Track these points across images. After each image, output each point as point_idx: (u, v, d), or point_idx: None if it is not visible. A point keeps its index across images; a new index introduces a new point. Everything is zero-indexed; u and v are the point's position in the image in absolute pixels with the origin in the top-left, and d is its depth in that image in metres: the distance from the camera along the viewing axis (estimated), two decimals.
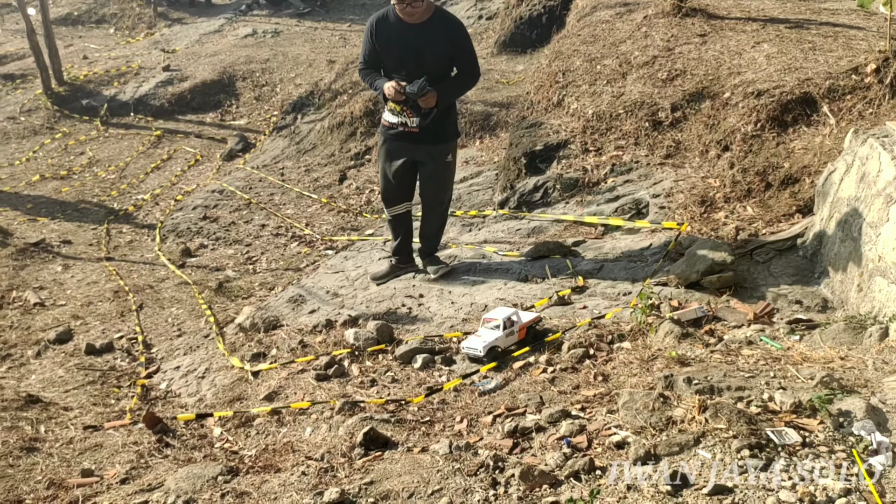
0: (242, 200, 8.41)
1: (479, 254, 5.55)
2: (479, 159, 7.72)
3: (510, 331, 4.14)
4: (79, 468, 3.60)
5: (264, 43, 13.90)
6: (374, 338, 4.58)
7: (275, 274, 6.70)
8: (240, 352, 4.98)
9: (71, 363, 5.30)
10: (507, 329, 4.13)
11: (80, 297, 6.67)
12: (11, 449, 3.76)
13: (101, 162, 10.66)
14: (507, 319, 4.15)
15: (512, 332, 4.15)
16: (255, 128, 11.16)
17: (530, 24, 10.51)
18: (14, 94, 13.55)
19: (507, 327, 4.13)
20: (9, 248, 7.76)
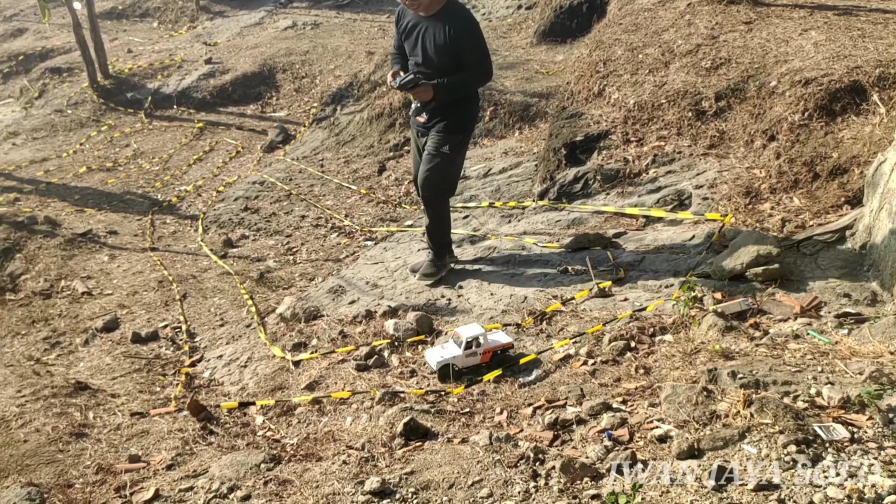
0: (283, 191, 8.49)
1: (519, 245, 5.52)
2: (518, 150, 7.69)
3: (472, 351, 3.99)
4: (126, 454, 3.68)
5: (304, 35, 13.99)
6: (414, 329, 4.60)
7: (315, 264, 6.75)
8: (281, 341, 5.04)
9: (117, 351, 5.42)
10: (469, 350, 3.99)
11: (126, 286, 6.81)
12: (61, 434, 3.86)
13: (146, 154, 10.84)
14: (473, 339, 4.00)
15: (474, 354, 4.00)
16: (295, 119, 11.24)
17: (570, 13, 10.40)
18: (61, 87, 13.84)
19: (468, 347, 3.99)
20: (57, 238, 7.94)
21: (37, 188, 9.64)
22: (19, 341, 5.87)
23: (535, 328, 4.38)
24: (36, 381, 4.58)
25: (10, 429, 3.94)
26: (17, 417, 4.05)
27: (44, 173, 10.23)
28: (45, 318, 6.26)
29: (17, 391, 4.41)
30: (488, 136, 8.36)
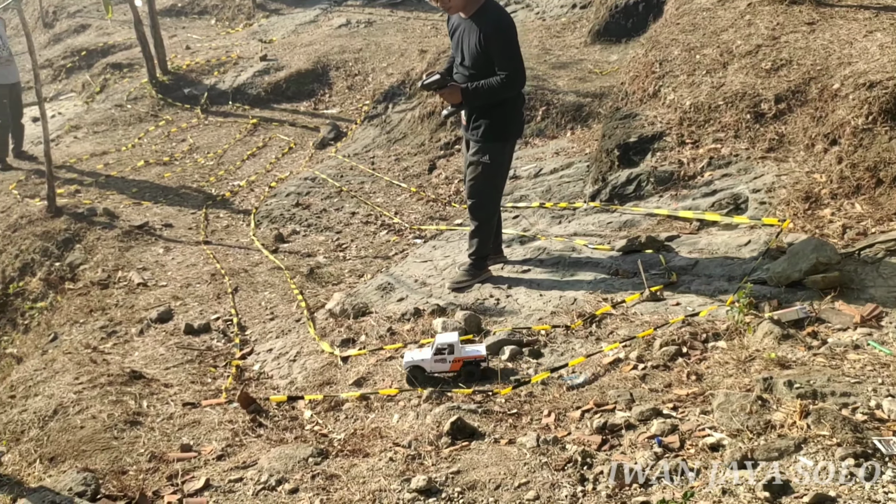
0: (334, 188, 8.57)
1: (569, 246, 5.48)
2: (570, 150, 7.63)
3: (442, 358, 4.05)
4: (178, 443, 3.76)
5: (357, 33, 14.11)
6: (462, 328, 4.60)
7: (364, 261, 6.81)
8: (330, 337, 5.09)
9: (171, 342, 5.54)
10: (439, 356, 4.05)
11: (180, 278, 6.95)
12: (116, 422, 3.96)
13: (201, 149, 11.06)
14: (445, 346, 4.04)
15: (443, 360, 4.05)
16: (347, 117, 11.34)
17: (626, 12, 10.29)
18: (121, 82, 14.20)
19: (439, 353, 4.05)
20: (115, 229, 8.16)
21: (96, 181, 9.91)
22: (77, 329, 6.05)
23: (585, 330, 4.34)
24: (93, 369, 4.71)
25: (68, 415, 4.06)
26: (74, 404, 4.17)
27: (103, 166, 10.51)
28: (103, 307, 6.43)
29: (75, 378, 4.54)
30: (540, 136, 8.32)
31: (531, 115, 8.51)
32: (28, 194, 9.55)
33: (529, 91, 8.70)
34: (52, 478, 3.39)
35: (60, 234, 8.24)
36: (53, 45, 17.41)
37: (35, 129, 11.88)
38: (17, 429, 4.03)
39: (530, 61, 9.74)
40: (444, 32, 13.54)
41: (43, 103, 8.75)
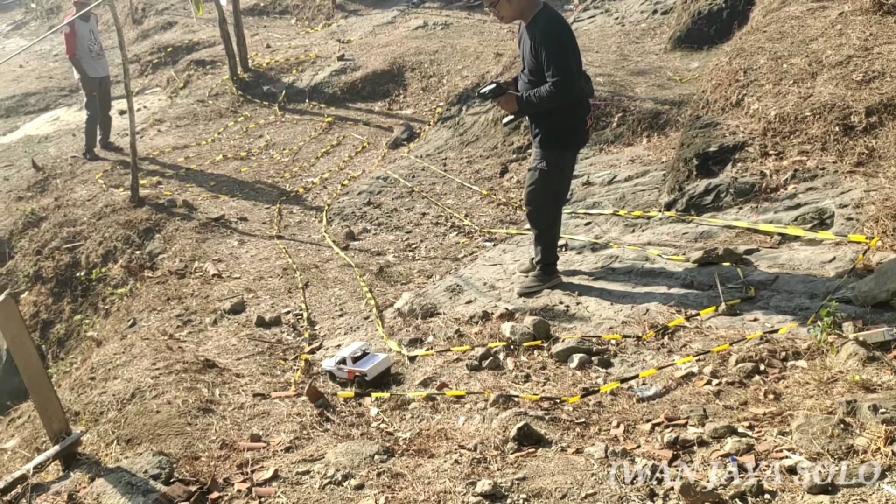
0: (405, 188, 8.64)
1: (642, 256, 5.39)
2: (646, 158, 7.50)
3: (341, 367, 4.60)
4: (248, 432, 3.84)
5: (434, 35, 14.19)
6: (531, 333, 4.57)
7: (433, 262, 6.83)
8: (397, 336, 5.13)
9: (243, 333, 5.67)
10: (339, 365, 4.61)
11: (253, 271, 7.11)
12: (190, 408, 4.07)
13: (277, 145, 11.30)
14: (341, 359, 4.61)
15: (342, 370, 4.59)
16: (421, 118, 11.42)
17: (709, 19, 10.06)
18: (204, 78, 14.63)
19: (339, 363, 4.61)
20: (193, 221, 8.40)
21: (177, 173, 10.23)
22: (155, 316, 6.25)
23: (656, 342, 4.26)
24: (169, 356, 4.86)
25: (145, 399, 4.19)
26: (151, 388, 4.30)
27: (184, 159, 10.84)
28: (179, 296, 6.63)
29: (152, 364, 4.69)
30: (615, 143, 8.21)
31: (607, 122, 8.41)
32: (113, 184, 9.92)
33: (606, 97, 8.61)
34: (128, 459, 3.50)
35: (142, 224, 8.53)
36: (141, 41, 18.05)
37: (122, 122, 12.34)
38: (97, 410, 4.18)
39: (608, 67, 9.64)
40: None
41: (131, 97, 9.07)
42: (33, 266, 8.86)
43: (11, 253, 9.31)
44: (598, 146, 8.20)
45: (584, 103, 4.89)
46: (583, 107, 4.89)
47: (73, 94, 15.76)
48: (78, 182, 10.33)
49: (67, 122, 14.27)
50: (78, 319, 7.97)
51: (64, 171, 10.92)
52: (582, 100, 4.84)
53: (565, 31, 4.66)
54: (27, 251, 9.08)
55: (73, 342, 7.96)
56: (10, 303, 3.18)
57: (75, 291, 8.34)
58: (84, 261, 8.49)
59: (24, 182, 10.93)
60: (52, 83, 16.89)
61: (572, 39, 4.68)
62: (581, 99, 4.82)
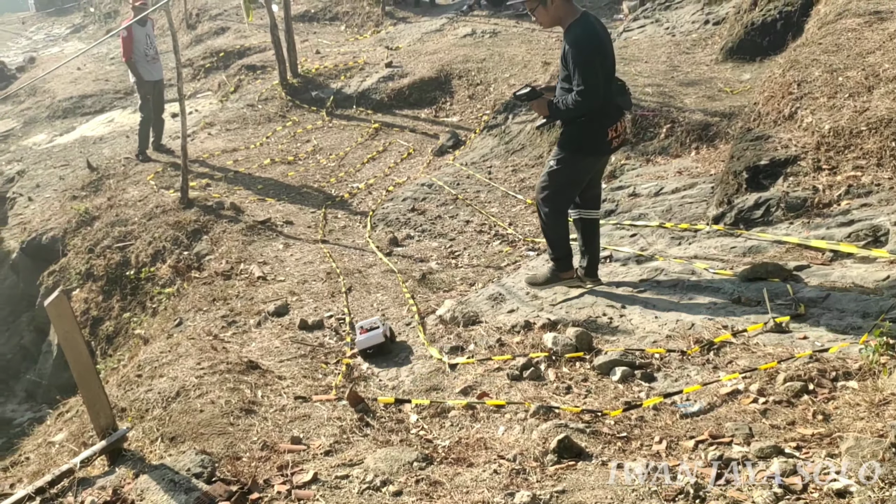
0: (449, 196, 8.65)
1: (688, 269, 5.31)
2: (694, 170, 7.40)
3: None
4: (289, 435, 3.87)
5: (482, 43, 14.22)
6: (573, 344, 4.53)
7: (476, 270, 6.83)
8: (439, 343, 5.13)
9: (286, 336, 5.73)
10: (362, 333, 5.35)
11: (297, 274, 7.19)
12: (233, 409, 4.12)
13: (324, 150, 11.43)
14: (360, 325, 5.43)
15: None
16: (467, 125, 11.44)
17: (762, 30, 9.90)
18: (254, 83, 14.87)
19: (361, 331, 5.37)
20: (240, 223, 8.53)
21: (226, 176, 10.40)
22: (201, 316, 6.35)
23: (702, 357, 4.19)
24: (213, 356, 4.93)
25: (189, 398, 4.26)
26: (195, 387, 4.37)
27: (233, 162, 11.02)
28: (224, 297, 6.73)
29: (197, 363, 4.76)
30: (662, 154, 8.11)
31: (655, 133, 8.32)
32: (164, 185, 10.13)
33: (654, 108, 8.52)
34: (171, 457, 3.56)
35: (190, 225, 8.69)
36: (195, 46, 18.43)
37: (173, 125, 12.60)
38: (143, 407, 4.26)
39: (657, 77, 9.55)
40: None
41: (183, 100, 9.27)
42: (85, 264, 9.08)
43: (65, 250, 9.57)
44: (644, 157, 8.12)
45: (610, 113, 4.92)
46: (606, 116, 4.90)
47: (128, 96, 16.17)
48: (130, 183, 10.58)
49: (122, 123, 14.64)
50: (126, 317, 8.15)
51: (117, 171, 11.19)
52: (607, 110, 4.88)
53: (594, 42, 4.72)
54: (80, 249, 9.32)
55: (121, 339, 8.14)
56: (62, 299, 3.26)
57: (125, 290, 8.53)
58: (134, 260, 8.68)
59: (79, 182, 11.23)
60: (108, 86, 17.34)
61: (601, 51, 4.73)
62: (606, 109, 4.87)
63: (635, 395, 3.96)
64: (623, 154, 8.24)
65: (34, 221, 10.63)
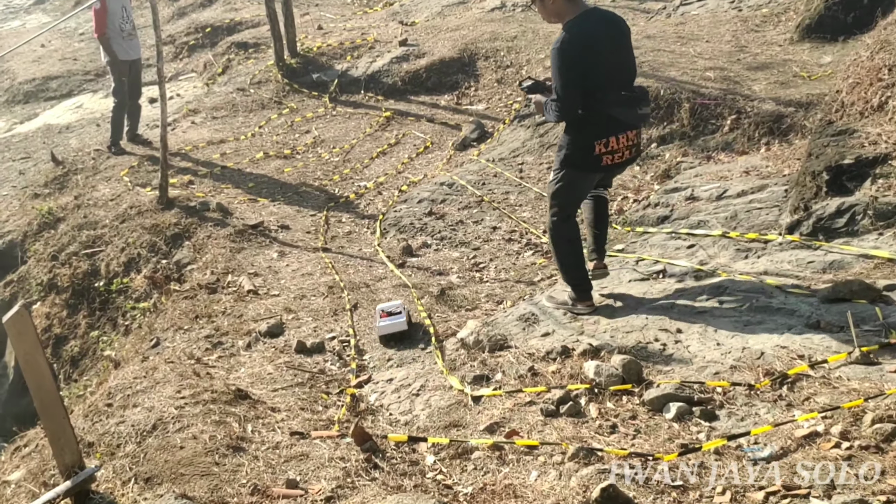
0: (473, 197, 8.67)
1: (757, 287, 5.29)
2: (764, 170, 7.37)
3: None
4: (283, 477, 3.89)
5: (513, 17, 14.26)
6: (619, 375, 4.52)
7: (504, 285, 6.83)
8: (460, 371, 5.13)
9: (280, 360, 5.75)
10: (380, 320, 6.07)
11: (294, 288, 7.23)
12: (218, 445, 4.14)
13: (326, 142, 11.50)
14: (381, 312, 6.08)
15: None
16: (494, 115, 11.47)
17: (846, 4, 9.85)
18: (245, 63, 15.01)
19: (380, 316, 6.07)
20: (227, 228, 8.60)
21: (211, 172, 10.50)
22: (181, 336, 6.40)
23: (773, 393, 4.16)
24: (196, 383, 4.97)
25: (168, 432, 4.29)
26: (174, 420, 4.40)
27: (220, 156, 11.12)
28: (209, 314, 6.78)
29: (177, 391, 4.80)
30: (726, 151, 8.09)
31: (717, 125, 8.30)
32: (139, 182, 10.25)
33: (717, 95, 8.50)
34: (147, 501, 3.58)
35: (170, 229, 8.77)
36: (177, 20, 18.68)
37: (152, 112, 12.74)
38: (114, 442, 4.29)
39: (720, 59, 9.54)
40: None
41: (163, 83, 9.37)
42: (48, 273, 9.19)
43: (24, 257, 9.68)
44: (704, 154, 8.10)
45: (602, 126, 5.06)
46: (597, 128, 5.06)
47: (100, 78, 16.38)
48: (101, 179, 10.70)
49: (92, 110, 14.83)
50: (94, 336, 8.23)
51: (86, 165, 11.33)
52: (597, 121, 5.06)
53: (575, 52, 4.89)
54: (42, 256, 9.43)
55: (87, 362, 8.22)
56: (24, 315, 3.30)
57: (93, 304, 8.61)
58: (104, 269, 8.76)
59: (42, 177, 11.38)
60: (77, 66, 17.58)
61: (584, 60, 4.90)
62: (595, 120, 5.05)
63: (693, 437, 3.94)
64: (679, 150, 8.23)
65: None
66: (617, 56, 5.05)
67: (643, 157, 8.34)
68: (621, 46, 5.10)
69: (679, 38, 10.32)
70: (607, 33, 5.03)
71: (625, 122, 5.09)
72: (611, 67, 5.00)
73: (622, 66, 5.11)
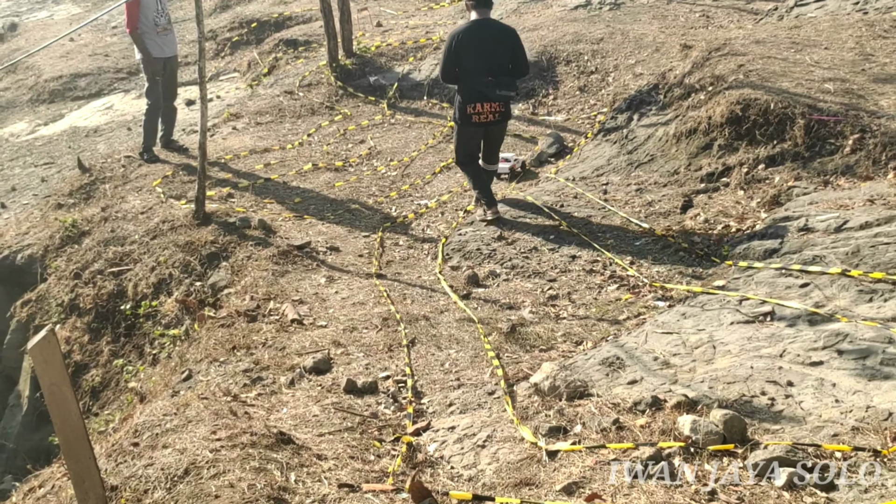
0: (550, 220, 8.65)
1: (884, 336, 5.18)
2: (892, 199, 7.22)
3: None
4: None
5: (599, 17, 14.28)
6: (719, 432, 4.45)
7: (584, 323, 6.79)
8: (533, 421, 5.10)
9: (327, 400, 5.79)
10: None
11: (344, 319, 7.28)
12: (258, 496, 4.17)
13: (383, 154, 11.61)
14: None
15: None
16: (575, 127, 11.47)
17: None
18: (294, 63, 15.27)
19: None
20: (271, 248, 8.71)
21: (253, 184, 10.67)
22: (216, 370, 6.48)
23: None
24: (233, 423, 5.02)
25: (202, 477, 4.34)
26: (209, 465, 4.45)
27: (263, 167, 11.30)
28: (248, 345, 6.86)
29: (212, 432, 4.85)
30: (847, 175, 7.95)
31: (836, 145, 8.17)
32: (173, 194, 10.45)
33: (837, 111, 8.38)
34: None
35: (206, 248, 8.92)
36: (219, 14, 19.08)
37: (189, 115, 13.04)
38: (141, 486, 4.35)
39: (841, 69, 9.41)
40: (717, 23, 13.43)
41: (204, 84, 9.55)
42: (69, 293, 9.41)
43: (45, 274, 9.93)
44: (821, 178, 7.97)
45: (471, 95, 8.76)
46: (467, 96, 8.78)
47: (133, 77, 16.82)
48: (131, 189, 10.94)
49: (123, 112, 15.22)
50: (118, 365, 8.38)
51: (115, 173, 11.60)
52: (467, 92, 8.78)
53: (452, 44, 8.68)
54: (63, 273, 9.66)
55: (110, 393, 8.38)
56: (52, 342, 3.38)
57: (118, 329, 8.79)
58: (131, 290, 8.94)
59: (66, 186, 11.69)
60: (108, 62, 18.07)
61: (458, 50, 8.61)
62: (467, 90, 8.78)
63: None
64: (791, 172, 8.12)
65: (7, 235, 11.08)
66: (485, 52, 8.55)
67: (748, 179, 8.27)
68: (493, 47, 8.58)
69: (793, 44, 10.21)
70: (481, 37, 8.58)
71: (488, 95, 8.65)
72: (480, 58, 8.55)
73: (490, 59, 8.56)
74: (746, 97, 8.78)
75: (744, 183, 8.33)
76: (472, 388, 5.88)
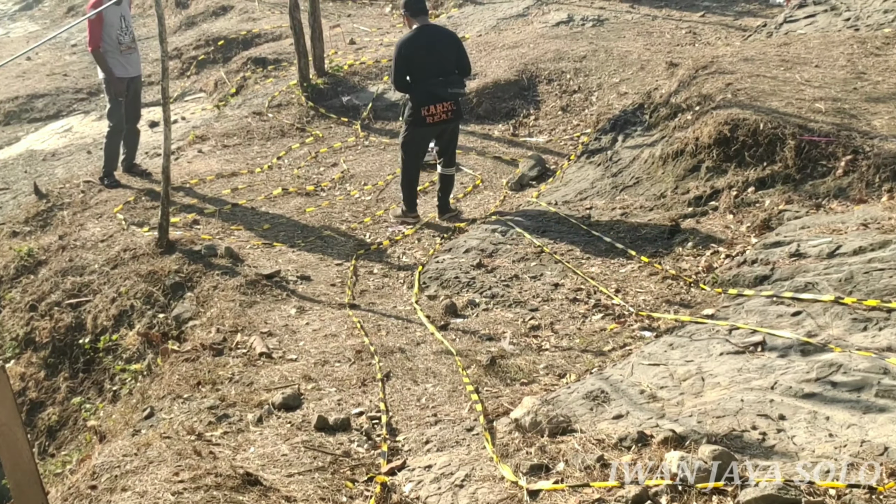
0: (531, 247, 8.68)
1: (879, 366, 5.21)
2: (887, 223, 7.29)
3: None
4: None
5: (582, 34, 14.40)
6: (709, 469, 4.46)
7: (567, 355, 6.81)
8: (514, 459, 5.10)
9: (297, 438, 5.77)
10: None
11: (315, 352, 7.26)
12: None
13: (356, 178, 11.63)
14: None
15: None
16: (557, 149, 11.54)
17: None
18: (264, 83, 15.29)
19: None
20: (238, 277, 8.69)
21: (220, 210, 10.66)
22: (180, 407, 6.45)
23: None
24: (196, 464, 4.99)
25: None
26: None
27: (230, 192, 11.29)
28: (214, 380, 6.83)
29: (174, 473, 4.83)
30: (839, 198, 8.02)
31: (828, 167, 8.24)
32: (135, 221, 10.43)
33: (828, 131, 8.46)
34: None
35: (169, 277, 8.89)
36: (184, 31, 19.12)
37: (152, 138, 13.03)
38: None
39: (832, 88, 9.52)
40: (704, 40, 13.57)
41: (168, 105, 9.55)
42: (24, 326, 9.34)
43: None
44: (813, 201, 8.04)
45: (425, 98, 9.50)
46: (422, 99, 9.52)
47: (93, 97, 16.79)
48: (90, 216, 10.90)
49: (82, 134, 15.17)
50: (77, 402, 8.32)
51: (74, 199, 11.55)
52: (421, 96, 9.53)
53: (401, 52, 9.55)
54: (18, 305, 9.60)
55: (67, 433, 8.30)
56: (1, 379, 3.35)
57: (76, 364, 8.73)
58: (90, 323, 8.89)
59: (22, 213, 11.63)
60: (67, 82, 18.03)
61: (407, 57, 9.49)
62: (420, 95, 9.54)
63: None
64: (781, 195, 8.18)
65: None
66: (433, 55, 9.39)
67: (737, 203, 8.33)
68: (439, 50, 9.44)
69: (782, 62, 10.32)
70: (428, 42, 9.44)
71: (440, 95, 9.40)
72: (429, 62, 9.39)
73: (439, 61, 9.41)
74: (735, 117, 8.85)
75: (733, 207, 8.38)
76: (450, 425, 5.87)
